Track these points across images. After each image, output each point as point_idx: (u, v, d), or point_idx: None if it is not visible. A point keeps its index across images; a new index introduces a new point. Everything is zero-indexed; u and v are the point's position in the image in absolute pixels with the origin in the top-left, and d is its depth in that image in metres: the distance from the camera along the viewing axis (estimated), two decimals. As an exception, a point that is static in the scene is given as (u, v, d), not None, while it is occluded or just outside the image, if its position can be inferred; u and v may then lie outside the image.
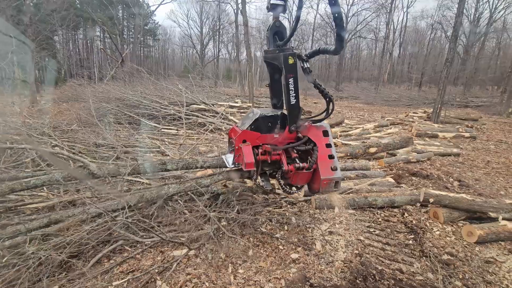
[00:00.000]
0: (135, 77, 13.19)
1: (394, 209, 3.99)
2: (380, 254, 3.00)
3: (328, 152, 3.05)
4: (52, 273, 2.41)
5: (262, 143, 3.04)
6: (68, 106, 9.11)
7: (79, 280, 2.35)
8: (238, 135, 3.01)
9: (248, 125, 3.03)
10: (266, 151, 3.00)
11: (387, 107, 18.79)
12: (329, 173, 2.96)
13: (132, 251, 2.79)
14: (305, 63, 2.90)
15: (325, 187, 3.00)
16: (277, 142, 3.05)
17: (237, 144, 3.01)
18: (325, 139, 3.10)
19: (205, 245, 2.90)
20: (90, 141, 4.94)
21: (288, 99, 2.86)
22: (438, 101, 11.33)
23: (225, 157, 3.45)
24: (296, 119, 2.94)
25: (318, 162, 2.97)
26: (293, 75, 2.82)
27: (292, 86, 2.84)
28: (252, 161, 2.86)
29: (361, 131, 8.87)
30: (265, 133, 3.05)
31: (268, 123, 3.07)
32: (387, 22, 31.60)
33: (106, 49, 27.71)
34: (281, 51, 2.79)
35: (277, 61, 2.86)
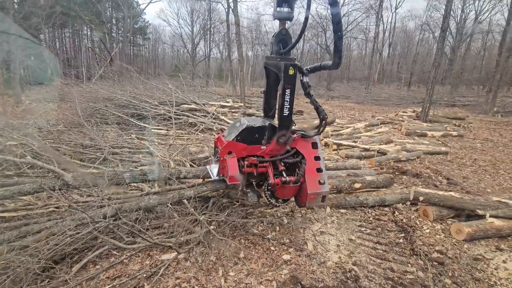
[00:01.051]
0: (124, 76, 12.95)
1: (385, 208, 4.01)
2: (371, 253, 3.01)
3: (316, 165, 2.99)
4: (34, 280, 2.31)
5: (248, 155, 2.95)
6: (54, 106, 8.86)
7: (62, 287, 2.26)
8: (224, 146, 2.91)
9: (234, 136, 2.93)
10: (252, 164, 2.92)
11: (378, 106, 19.04)
12: (317, 187, 2.90)
13: (119, 255, 2.70)
14: (304, 77, 2.86)
15: (312, 201, 2.95)
16: (264, 154, 2.97)
17: (222, 156, 2.92)
18: (314, 152, 3.05)
19: (194, 248, 2.84)
20: (77, 142, 4.79)
21: (281, 110, 2.79)
22: (427, 100, 11.53)
23: (209, 168, 3.36)
24: (285, 131, 2.87)
25: (306, 176, 2.91)
26: (290, 86, 2.74)
27: (288, 97, 2.76)
28: (236, 175, 2.79)
29: (352, 131, 8.94)
30: (251, 145, 2.96)
31: (255, 135, 2.97)
32: (376, 22, 32.03)
33: (94, 48, 27.14)
34: (283, 60, 2.73)
35: (277, 69, 2.80)
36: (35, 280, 2.31)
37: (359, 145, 7.07)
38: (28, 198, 3.30)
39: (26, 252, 2.30)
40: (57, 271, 2.45)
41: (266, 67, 2.98)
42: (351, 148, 7.02)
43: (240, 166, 2.89)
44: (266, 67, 2.97)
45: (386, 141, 7.62)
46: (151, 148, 4.79)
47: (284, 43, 2.84)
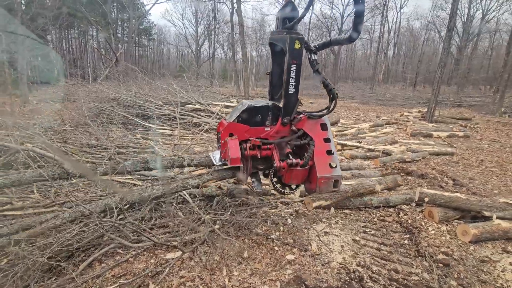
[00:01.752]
0: (129, 76, 13.06)
1: (390, 208, 3.99)
2: (375, 254, 2.99)
3: (326, 147, 2.77)
4: (41, 278, 2.34)
5: (251, 137, 2.74)
6: (61, 106, 8.98)
7: (69, 286, 2.29)
8: (224, 128, 2.71)
9: (235, 117, 2.73)
10: (255, 146, 2.71)
11: (382, 106, 18.91)
12: (327, 171, 2.70)
13: (124, 254, 2.73)
14: (312, 55, 2.71)
15: (323, 186, 2.74)
16: (268, 135, 2.77)
17: (223, 138, 2.73)
18: (323, 133, 2.83)
19: (199, 247, 2.85)
20: (83, 142, 4.85)
21: (287, 88, 2.61)
22: (432, 100, 11.42)
23: (212, 154, 3.14)
24: (291, 111, 2.68)
25: (315, 158, 2.70)
26: (296, 61, 2.57)
27: (294, 73, 2.58)
28: (238, 157, 2.58)
29: (357, 131, 8.90)
30: (254, 126, 2.76)
31: (258, 115, 2.77)
32: (381, 22, 31.84)
33: (100, 48, 27.43)
34: (289, 33, 2.53)
35: (282, 43, 2.59)
36: (42, 277, 2.35)
37: (364, 145, 7.04)
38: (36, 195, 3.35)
39: (33, 249, 2.34)
40: (64, 269, 2.49)
41: (271, 43, 2.77)
42: (355, 148, 6.99)
43: (242, 149, 2.70)
44: (272, 43, 2.76)
45: (391, 141, 7.57)
46: (156, 148, 4.83)
47: (290, 18, 2.64)
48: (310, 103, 19.23)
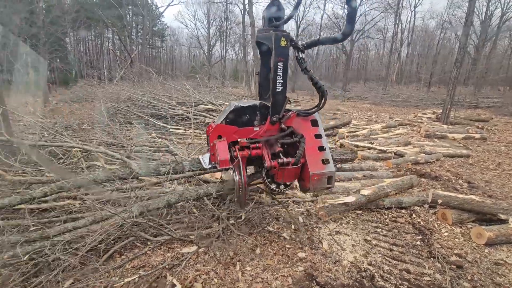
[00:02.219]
0: (143, 77, 13.40)
1: (402, 210, 3.98)
2: (387, 254, 3.01)
3: (317, 143, 2.76)
4: (66, 267, 2.50)
5: (240, 138, 2.72)
6: (79, 106, 9.32)
7: (92, 275, 2.43)
8: (212, 130, 2.68)
9: (223, 118, 2.72)
10: (244, 146, 2.69)
11: (395, 107, 18.60)
12: (320, 167, 2.67)
13: (142, 247, 2.86)
14: (300, 53, 2.69)
15: (316, 183, 2.70)
16: (258, 135, 2.75)
17: (211, 141, 2.69)
18: (314, 129, 2.82)
19: (213, 243, 2.95)
20: (101, 140, 5.06)
21: (274, 86, 2.59)
22: (448, 101, 11.17)
23: (201, 157, 3.11)
24: (279, 109, 2.67)
25: (306, 155, 2.68)
26: (283, 59, 2.56)
27: (281, 71, 2.57)
28: (226, 158, 2.54)
29: (369, 132, 8.82)
30: (242, 126, 2.74)
31: (246, 115, 2.74)
32: (395, 22, 31.27)
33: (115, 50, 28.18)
34: (276, 31, 2.52)
35: (268, 41, 2.58)
36: (68, 266, 2.50)
37: (376, 146, 6.99)
38: (66, 194, 3.51)
39: (64, 239, 2.50)
40: (87, 259, 2.64)
41: (258, 41, 2.74)
42: (367, 149, 6.95)
43: (232, 151, 2.69)
44: (258, 41, 2.73)
45: (404, 143, 7.48)
46: (171, 147, 4.98)
47: (276, 17, 2.62)
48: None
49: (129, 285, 2.36)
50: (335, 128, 9.22)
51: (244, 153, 2.69)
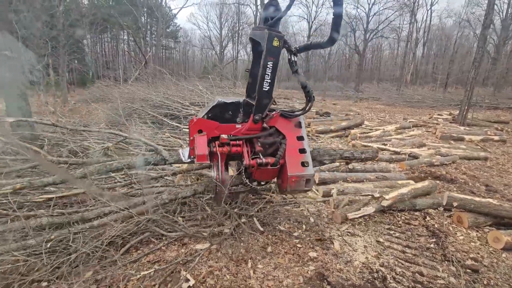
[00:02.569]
0: (157, 78, 13.68)
1: (415, 212, 3.92)
2: (400, 256, 2.98)
3: (299, 145, 2.74)
4: (86, 260, 2.62)
5: (221, 134, 2.70)
6: (96, 106, 9.64)
7: (110, 268, 2.53)
8: (193, 124, 2.68)
9: (204, 113, 2.71)
10: (224, 143, 2.68)
11: (410, 108, 18.19)
12: (298, 169, 2.65)
13: (157, 243, 2.95)
14: (292, 56, 2.70)
15: (294, 185, 2.69)
16: (239, 133, 2.73)
17: (191, 135, 2.69)
18: (297, 131, 2.80)
19: (226, 240, 3.01)
20: (118, 139, 5.21)
21: (261, 84, 2.58)
22: (465, 102, 10.86)
23: (181, 151, 3.12)
24: (264, 108, 2.65)
25: (286, 157, 2.66)
26: (273, 58, 2.55)
27: (270, 70, 2.56)
28: (204, 153, 2.52)
29: (382, 133, 8.69)
30: (224, 123, 2.72)
31: (228, 112, 2.72)
32: (410, 21, 30.57)
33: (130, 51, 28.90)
34: (269, 30, 2.52)
35: (260, 39, 2.58)
36: (87, 259, 2.61)
37: (389, 148, 6.89)
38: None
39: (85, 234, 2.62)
40: (105, 253, 2.75)
41: (251, 38, 2.73)
42: (380, 151, 6.86)
43: (212, 147, 2.68)
44: (252, 38, 2.72)
45: (419, 144, 7.33)
46: (185, 146, 5.09)
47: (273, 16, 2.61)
48: (333, 105, 18.96)
49: (145, 278, 2.45)
50: (347, 129, 9.14)
51: (224, 150, 2.68)
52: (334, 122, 10.00)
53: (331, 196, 4.10)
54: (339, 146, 7.59)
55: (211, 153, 2.67)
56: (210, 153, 2.66)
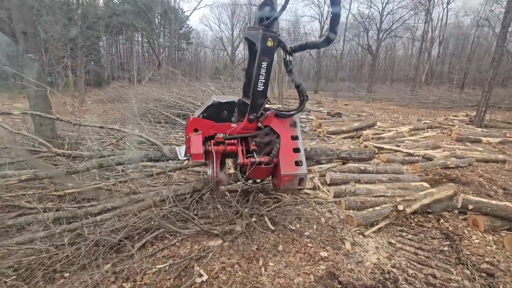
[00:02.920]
0: (170, 79, 13.94)
1: (429, 214, 3.86)
2: (412, 258, 2.96)
3: (293, 145, 2.77)
4: (105, 253, 2.73)
5: (216, 133, 2.76)
6: (112, 106, 9.92)
7: (128, 261, 2.64)
8: (189, 123, 2.74)
9: (200, 112, 2.76)
10: (219, 142, 2.75)
11: (424, 109, 17.79)
12: (292, 169, 2.70)
13: (172, 239, 3.04)
14: (288, 55, 2.72)
15: (287, 184, 2.74)
16: (234, 132, 2.78)
17: (187, 133, 2.76)
18: (292, 131, 2.83)
19: (237, 238, 3.07)
20: (133, 138, 5.38)
21: (256, 84, 2.62)
22: (483, 103, 10.54)
23: (178, 149, 3.20)
24: (258, 107, 2.69)
25: (280, 156, 2.70)
26: (268, 59, 2.59)
27: (264, 70, 2.60)
28: (199, 152, 2.59)
29: (395, 134, 8.56)
30: (220, 122, 2.77)
31: (224, 111, 2.77)
32: (426, 20, 29.84)
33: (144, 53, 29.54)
34: (264, 31, 2.55)
35: (255, 39, 2.61)
36: (106, 253, 2.73)
37: (402, 149, 6.79)
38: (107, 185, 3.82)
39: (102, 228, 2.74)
40: (122, 247, 2.86)
41: (246, 38, 2.77)
42: (393, 152, 6.77)
43: (207, 145, 2.73)
44: (247, 38, 2.76)
45: (433, 146, 7.19)
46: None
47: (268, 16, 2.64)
48: (345, 105, 18.77)
49: (160, 272, 2.54)
50: (360, 130, 9.05)
51: (219, 148, 2.74)
52: (345, 122, 9.92)
53: (342, 197, 4.09)
54: (351, 147, 7.53)
55: (206, 152, 2.74)
56: (206, 151, 2.73)
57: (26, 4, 4.45)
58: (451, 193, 3.80)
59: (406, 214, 3.59)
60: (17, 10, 4.29)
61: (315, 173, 4.89)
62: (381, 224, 3.45)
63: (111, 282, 2.42)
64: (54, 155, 3.73)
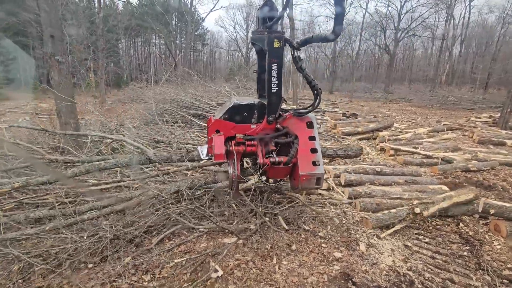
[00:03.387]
0: (186, 79, 14.22)
1: (448, 218, 3.77)
2: (429, 262, 2.90)
3: (311, 145, 2.82)
4: (125, 246, 2.86)
5: (237, 134, 2.84)
6: (130, 106, 10.26)
7: (147, 255, 2.75)
8: (211, 124, 2.84)
9: (221, 114, 2.85)
10: (240, 142, 2.83)
11: (444, 110, 17.19)
12: (310, 168, 2.74)
13: (188, 235, 3.14)
14: (295, 51, 2.74)
15: (305, 183, 2.79)
16: (254, 133, 2.86)
17: (209, 135, 2.85)
18: (309, 131, 2.87)
19: (252, 236, 3.12)
20: (151, 138, 5.57)
21: (269, 87, 2.68)
22: (508, 104, 10.08)
23: (200, 148, 3.30)
24: (276, 108, 2.76)
25: (298, 156, 2.75)
26: (277, 60, 2.63)
27: (275, 72, 2.65)
28: (221, 153, 2.67)
29: (413, 136, 8.34)
30: (240, 123, 2.85)
31: (244, 113, 2.85)
32: (447, 17, 28.81)
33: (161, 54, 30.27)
34: (269, 33, 2.58)
35: (261, 43, 2.66)
36: (126, 246, 2.86)
37: (420, 151, 6.62)
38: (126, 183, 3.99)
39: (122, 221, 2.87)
40: (141, 241, 2.98)
41: (253, 43, 2.81)
42: (410, 154, 6.61)
43: (228, 146, 2.82)
44: (253, 43, 2.80)
45: (453, 148, 6.96)
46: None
47: (270, 17, 2.67)
48: (361, 106, 18.45)
49: (177, 266, 2.63)
50: (376, 131, 8.89)
51: (240, 149, 2.82)
52: (361, 123, 9.77)
53: (357, 198, 4.06)
54: (366, 149, 7.42)
55: (227, 152, 2.83)
56: (227, 151, 2.82)
57: (54, 9, 4.71)
58: (472, 196, 3.69)
59: (423, 217, 3.51)
60: (46, 15, 4.56)
61: (329, 174, 4.87)
62: (397, 226, 3.40)
63: (131, 274, 2.53)
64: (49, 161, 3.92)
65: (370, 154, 6.94)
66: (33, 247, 2.81)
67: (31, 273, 2.52)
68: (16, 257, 2.58)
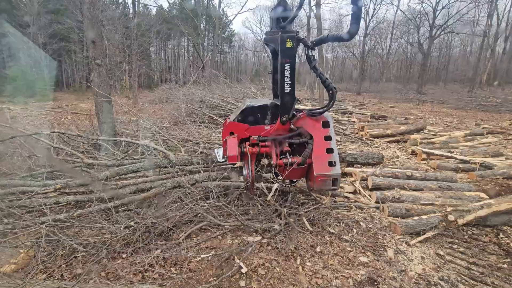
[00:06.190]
0: (213, 81, 14.58)
1: (486, 228, 3.52)
2: (463, 272, 2.75)
3: (326, 145, 2.76)
4: (155, 239, 3.02)
5: (251, 135, 2.85)
6: (161, 106, 10.74)
7: (175, 248, 2.89)
8: (225, 127, 2.89)
9: (235, 116, 2.88)
10: (254, 144, 2.83)
11: (485, 113, 15.94)
12: (325, 169, 2.69)
13: (214, 231, 3.24)
14: (309, 51, 2.71)
15: (320, 184, 2.75)
16: (268, 134, 2.85)
17: (223, 137, 2.89)
18: (324, 131, 2.82)
19: (276, 236, 3.15)
20: (181, 137, 5.80)
21: (282, 87, 2.66)
22: (560, 106, 9.13)
23: (216, 151, 3.35)
24: (289, 109, 2.73)
25: (313, 157, 2.71)
26: (289, 60, 2.61)
27: (288, 72, 2.63)
28: (235, 154, 2.70)
29: (447, 139, 7.86)
30: (254, 125, 2.86)
31: (257, 114, 2.87)
32: (489, 12, 26.68)
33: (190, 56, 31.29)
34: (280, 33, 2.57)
35: (273, 43, 2.65)
36: (156, 239, 3.02)
37: (456, 156, 6.22)
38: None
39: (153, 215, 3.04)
40: (169, 235, 3.13)
41: (266, 43, 2.83)
42: (444, 158, 6.25)
43: (242, 147, 2.83)
44: (267, 43, 2.81)
45: (494, 153, 6.46)
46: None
47: (283, 17, 2.67)
48: (390, 108, 17.71)
49: (204, 261, 2.73)
50: (407, 133, 8.50)
51: (254, 150, 2.83)
52: (391, 126, 9.38)
53: (385, 203, 3.93)
54: (396, 152, 7.13)
55: (242, 153, 2.88)
56: (241, 153, 2.87)
57: (95, 17, 5.09)
58: None
59: (457, 225, 3.32)
60: (88, 22, 4.95)
61: (356, 176, 4.76)
62: (429, 234, 3.24)
63: (161, 266, 2.67)
64: (86, 164, 4.25)
65: (400, 158, 6.66)
66: (74, 236, 3.06)
67: (72, 259, 2.76)
68: (61, 243, 2.84)
